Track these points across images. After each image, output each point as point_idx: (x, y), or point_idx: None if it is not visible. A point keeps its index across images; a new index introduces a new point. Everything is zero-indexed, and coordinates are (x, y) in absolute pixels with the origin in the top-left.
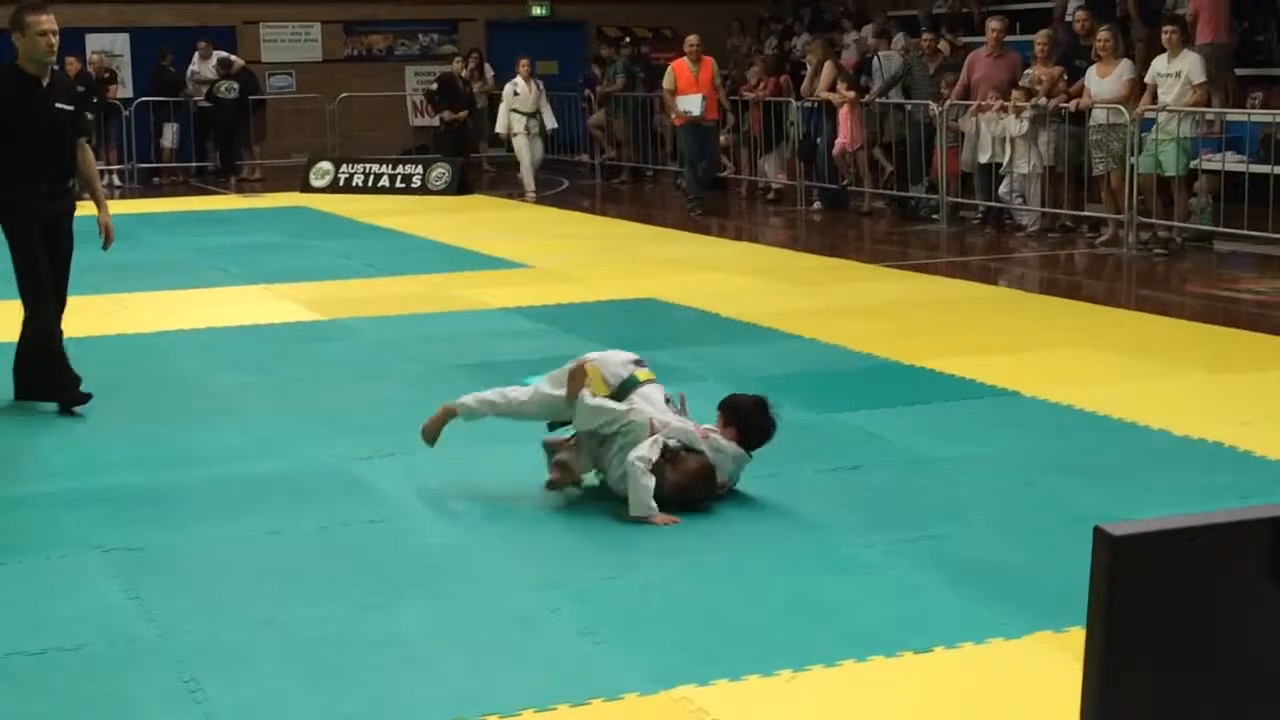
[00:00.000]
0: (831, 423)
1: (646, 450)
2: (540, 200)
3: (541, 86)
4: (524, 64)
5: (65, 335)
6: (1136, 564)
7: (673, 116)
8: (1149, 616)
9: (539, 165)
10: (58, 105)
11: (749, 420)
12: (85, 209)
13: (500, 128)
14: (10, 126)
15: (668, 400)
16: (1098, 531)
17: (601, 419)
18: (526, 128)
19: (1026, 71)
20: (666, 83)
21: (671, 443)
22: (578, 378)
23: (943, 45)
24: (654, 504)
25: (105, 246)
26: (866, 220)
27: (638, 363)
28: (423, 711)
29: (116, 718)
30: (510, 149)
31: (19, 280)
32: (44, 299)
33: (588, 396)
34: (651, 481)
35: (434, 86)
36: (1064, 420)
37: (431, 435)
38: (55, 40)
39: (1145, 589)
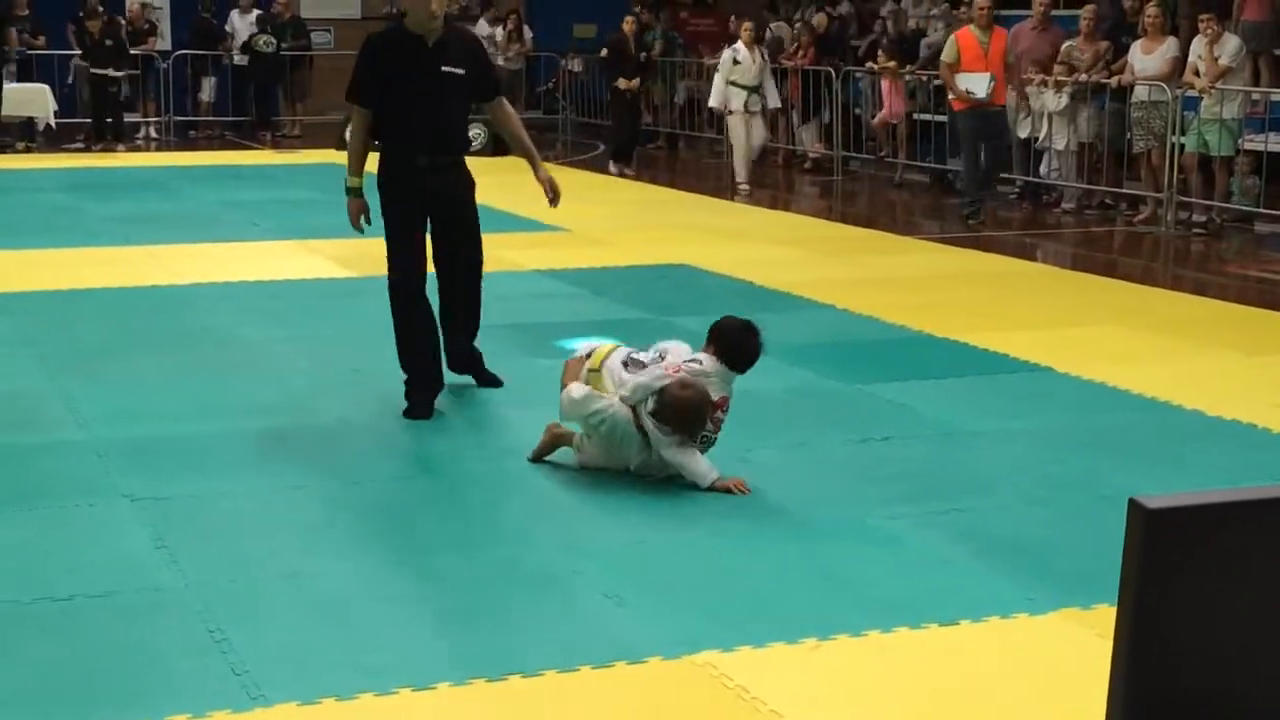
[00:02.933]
0: (862, 394)
1: (664, 434)
2: (573, 164)
3: (766, 56)
4: (746, 28)
5: (101, 285)
6: (1170, 537)
7: (950, 98)
8: (1181, 589)
9: (759, 151)
10: (445, 68)
11: (731, 338)
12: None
13: (715, 102)
14: (386, 89)
15: (625, 364)
16: (1132, 504)
17: (587, 409)
18: (746, 105)
19: (1067, 43)
20: (947, 55)
21: (648, 405)
22: (571, 369)
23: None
24: (711, 470)
25: (553, 203)
26: (904, 192)
27: (588, 355)
28: (445, 668)
29: (142, 665)
30: (721, 130)
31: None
32: (406, 284)
33: (573, 390)
34: (693, 451)
35: (603, 53)
36: (1096, 398)
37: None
38: (438, 6)
39: (1178, 562)
